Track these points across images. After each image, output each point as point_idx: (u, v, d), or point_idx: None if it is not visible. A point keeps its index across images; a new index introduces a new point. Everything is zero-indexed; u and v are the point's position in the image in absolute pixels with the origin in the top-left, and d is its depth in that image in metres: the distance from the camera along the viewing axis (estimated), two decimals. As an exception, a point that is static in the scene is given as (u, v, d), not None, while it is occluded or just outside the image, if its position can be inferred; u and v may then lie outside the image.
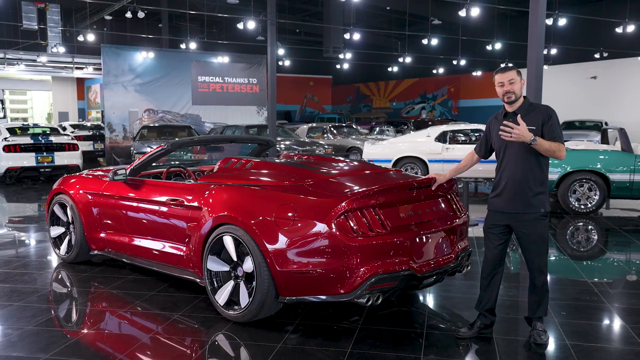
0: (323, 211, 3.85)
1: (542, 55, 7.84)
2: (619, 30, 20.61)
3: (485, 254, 4.00)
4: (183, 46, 26.34)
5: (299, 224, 3.90)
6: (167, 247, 4.86)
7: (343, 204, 3.83)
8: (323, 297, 3.88)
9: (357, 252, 3.75)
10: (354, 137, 18.25)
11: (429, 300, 4.85)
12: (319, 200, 3.94)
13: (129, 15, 18.76)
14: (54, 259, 6.26)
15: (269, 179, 4.42)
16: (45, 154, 13.31)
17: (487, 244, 3.99)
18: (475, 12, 15.95)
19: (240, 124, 18.62)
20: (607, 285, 5.34)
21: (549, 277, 5.61)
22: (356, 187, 4.10)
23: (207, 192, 4.53)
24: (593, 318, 4.44)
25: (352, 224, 3.81)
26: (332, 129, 18.80)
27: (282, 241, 3.92)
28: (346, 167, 4.92)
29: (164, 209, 4.84)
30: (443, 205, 4.45)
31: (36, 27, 22.72)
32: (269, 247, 3.95)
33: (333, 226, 3.79)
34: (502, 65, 3.99)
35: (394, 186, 4.12)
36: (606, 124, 20.85)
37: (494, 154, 4.07)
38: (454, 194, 4.63)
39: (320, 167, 4.76)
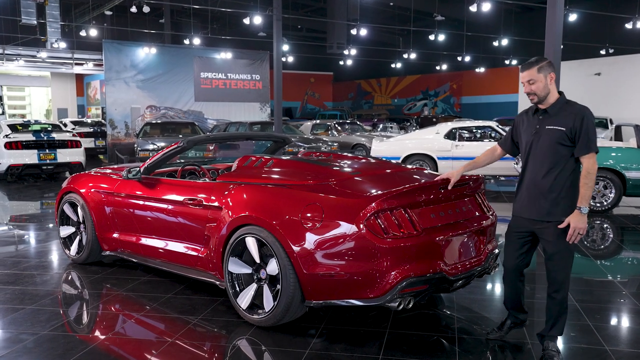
0: (352, 212, 3.70)
1: (560, 53, 7.69)
2: (628, 26, 20.44)
3: (504, 261, 3.68)
4: (186, 42, 26.13)
5: (327, 225, 3.75)
6: (184, 248, 4.69)
7: (373, 204, 3.67)
8: (352, 301, 3.73)
9: (387, 254, 3.60)
10: (358, 134, 18.08)
11: (454, 302, 4.69)
12: (348, 200, 3.79)
13: (133, 9, 18.56)
14: (63, 260, 6.10)
15: (292, 178, 4.26)
16: (47, 151, 13.12)
17: (506, 251, 3.67)
18: (487, 7, 15.75)
19: (243, 120, 18.44)
20: (636, 286, 5.19)
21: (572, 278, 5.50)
22: (384, 187, 3.95)
23: (227, 192, 4.37)
24: (628, 321, 4.30)
25: (382, 225, 3.65)
26: (336, 125, 18.64)
27: (309, 243, 3.77)
28: (369, 166, 4.76)
29: (182, 208, 4.68)
30: (472, 205, 4.29)
31: (35, 22, 22.51)
32: (295, 248, 3.80)
33: (363, 227, 3.64)
34: (528, 61, 3.54)
35: (423, 185, 3.96)
36: (611, 121, 20.71)
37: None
38: (481, 193, 4.47)
39: (343, 165, 4.61)
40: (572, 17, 20.70)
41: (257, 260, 4.10)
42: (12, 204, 10.59)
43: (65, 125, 20.54)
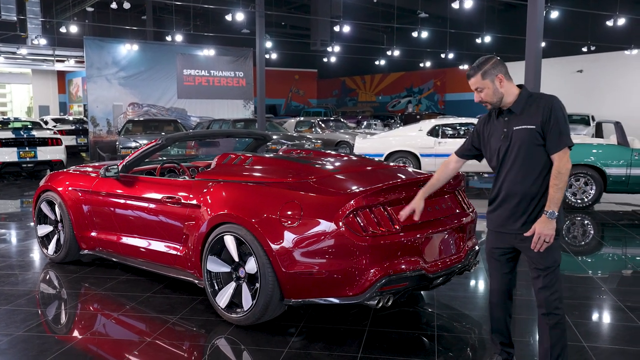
0: (331, 209, 3.67)
1: (541, 50, 7.75)
2: (609, 23, 20.66)
3: (491, 283, 3.27)
4: (169, 39, 25.92)
5: (306, 223, 3.72)
6: (163, 246, 4.64)
7: (352, 202, 3.65)
8: (331, 299, 3.70)
9: (366, 252, 3.58)
10: (342, 131, 18.07)
11: (434, 300, 4.69)
12: (326, 197, 3.76)
13: (114, 6, 18.37)
14: (41, 259, 6.01)
15: (271, 176, 4.23)
16: (27, 149, 12.93)
17: (491, 272, 3.25)
18: (469, 4, 15.82)
19: (227, 118, 18.34)
20: (615, 282, 5.24)
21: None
22: (363, 184, 3.93)
23: (205, 190, 4.32)
24: (607, 317, 4.33)
25: (361, 223, 3.63)
26: (320, 122, 18.61)
27: (288, 241, 3.74)
28: (349, 163, 4.74)
29: (160, 207, 4.63)
30: (451, 203, 4.29)
31: (15, 18, 22.18)
32: (274, 247, 3.77)
33: (341, 225, 3.62)
34: (472, 65, 3.13)
35: (403, 183, 3.95)
36: (593, 118, 20.92)
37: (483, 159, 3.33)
38: (461, 190, 4.48)
39: (323, 162, 4.58)
40: (554, 15, 20.85)
41: (236, 258, 4.06)
42: (-10, 202, 10.42)
43: (46, 122, 20.31)
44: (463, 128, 12.26)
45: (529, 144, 2.96)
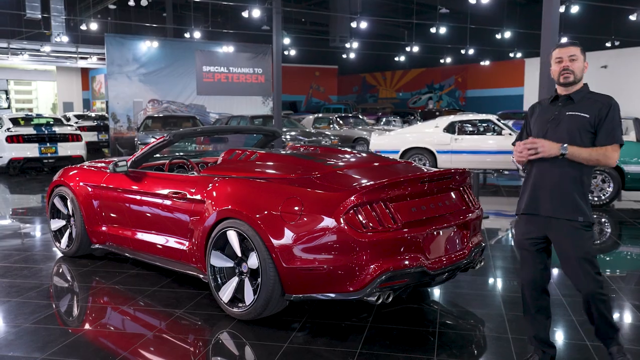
0: (331, 205, 3.68)
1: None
2: (633, 17, 20.24)
3: (522, 277, 3.25)
4: (187, 35, 26.11)
5: (306, 219, 3.73)
6: (169, 241, 4.70)
7: (352, 197, 3.65)
8: (331, 294, 3.72)
9: (366, 248, 3.58)
10: (360, 127, 18.04)
11: (439, 297, 4.68)
12: (327, 194, 3.77)
13: (131, 3, 18.54)
14: (54, 253, 6.12)
15: (274, 172, 4.26)
16: (48, 144, 13.20)
17: (522, 264, 3.24)
18: (488, -1, 15.62)
19: (245, 114, 18.42)
20: (625, 281, 5.15)
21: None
22: (365, 180, 3.94)
23: (210, 185, 4.36)
24: (613, 317, 4.25)
25: (361, 219, 3.63)
26: (338, 119, 18.59)
27: (289, 236, 3.76)
28: (354, 159, 4.74)
29: (166, 202, 4.68)
30: (456, 199, 4.27)
31: (40, 16, 22.52)
32: (275, 242, 3.79)
33: (342, 221, 3.62)
34: (565, 41, 3.31)
35: (405, 179, 3.93)
36: (617, 114, 20.56)
37: None
38: (467, 186, 4.44)
39: (327, 159, 4.58)
40: (576, 9, 20.51)
41: (239, 253, 4.09)
42: (12, 197, 10.64)
43: (68, 119, 20.62)
44: (482, 125, 12.11)
45: (578, 129, 3.05)
